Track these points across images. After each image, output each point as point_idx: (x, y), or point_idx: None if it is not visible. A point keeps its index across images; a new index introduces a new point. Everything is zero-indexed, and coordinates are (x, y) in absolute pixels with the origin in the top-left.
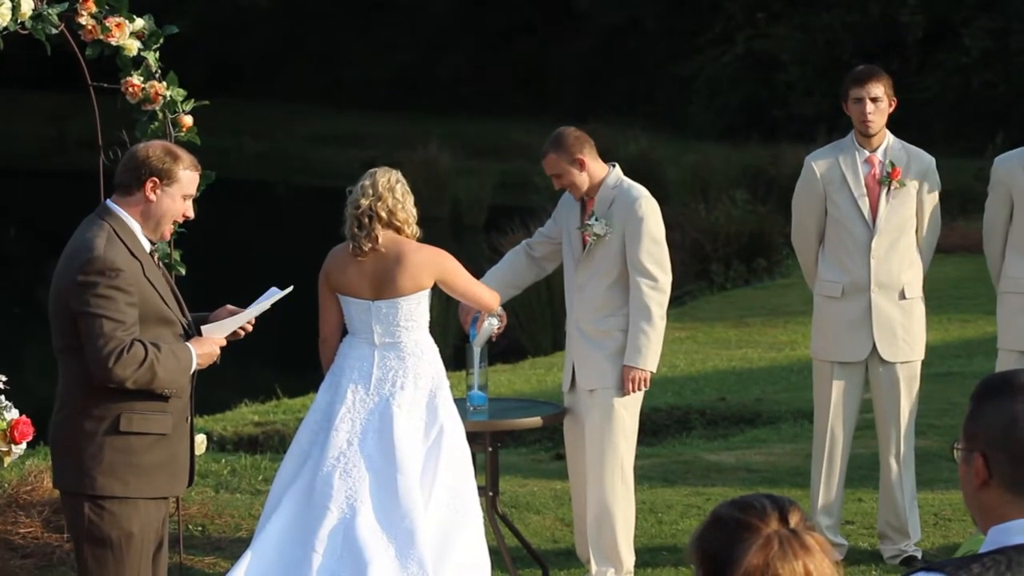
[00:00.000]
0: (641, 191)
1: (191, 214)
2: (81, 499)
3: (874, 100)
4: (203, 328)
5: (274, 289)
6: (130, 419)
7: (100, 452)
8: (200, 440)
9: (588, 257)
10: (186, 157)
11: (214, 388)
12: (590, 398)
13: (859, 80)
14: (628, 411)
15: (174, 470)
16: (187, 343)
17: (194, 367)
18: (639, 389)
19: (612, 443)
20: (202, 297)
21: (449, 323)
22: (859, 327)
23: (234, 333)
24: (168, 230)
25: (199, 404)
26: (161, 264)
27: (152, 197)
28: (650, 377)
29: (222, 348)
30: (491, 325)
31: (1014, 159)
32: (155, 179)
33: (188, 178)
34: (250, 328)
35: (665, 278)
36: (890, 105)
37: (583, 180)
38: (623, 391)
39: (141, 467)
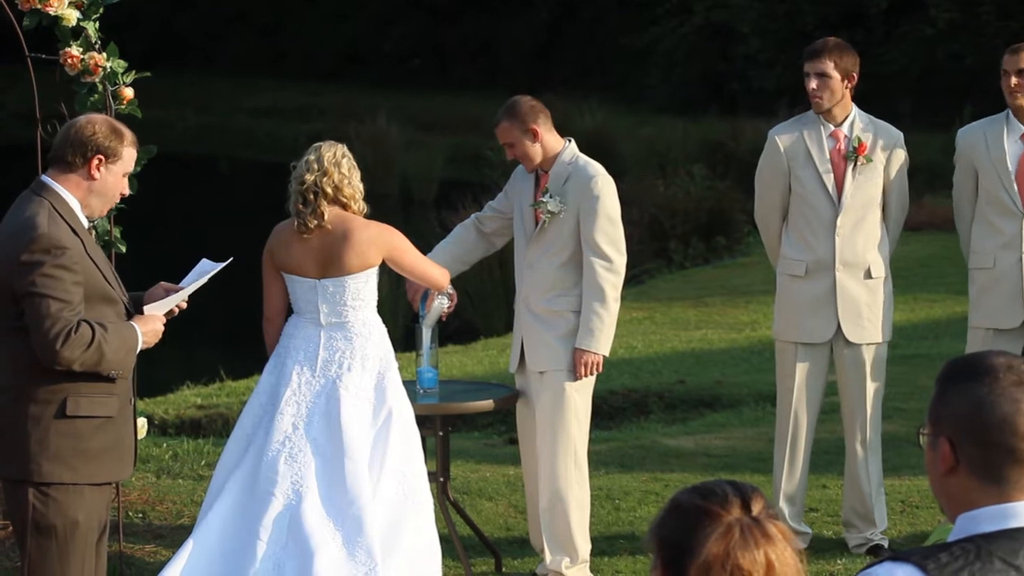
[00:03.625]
0: (597, 168)
1: (127, 191)
2: (26, 487)
3: (820, 76)
4: (146, 308)
5: (206, 262)
6: (77, 402)
7: (46, 437)
8: (141, 424)
9: (540, 235)
10: (128, 134)
11: (155, 369)
12: (540, 381)
13: (808, 55)
14: (580, 394)
15: (120, 454)
16: (131, 322)
17: (140, 346)
18: (591, 373)
19: (564, 427)
20: (142, 275)
21: (398, 302)
22: (823, 307)
23: (169, 311)
24: (107, 208)
25: (139, 386)
26: (100, 241)
27: (96, 175)
28: (603, 361)
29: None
30: (441, 304)
31: (976, 130)
32: (100, 157)
33: (130, 156)
34: (184, 306)
35: (620, 259)
36: (846, 80)
37: (536, 151)
38: (575, 375)
39: (88, 452)
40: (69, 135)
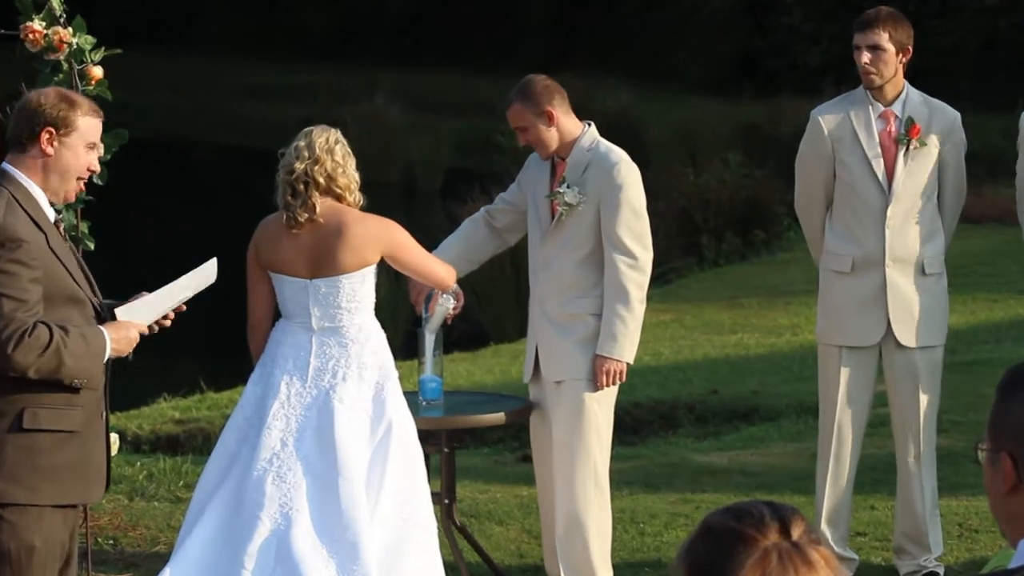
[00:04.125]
0: (620, 155)
1: (96, 167)
2: None
3: (873, 49)
4: (118, 311)
5: (205, 267)
6: (35, 414)
7: (0, 452)
8: (112, 440)
9: (557, 229)
10: (84, 102)
11: (129, 380)
12: (557, 391)
13: (859, 26)
14: (601, 406)
15: (87, 473)
16: (100, 327)
17: (108, 354)
18: (613, 383)
19: (583, 442)
20: (113, 276)
21: (398, 304)
22: (872, 307)
23: (158, 321)
24: (73, 189)
25: (110, 398)
26: (67, 237)
27: (49, 150)
28: (627, 369)
29: (143, 338)
30: (446, 306)
31: None
32: (50, 129)
33: (88, 125)
34: (172, 318)
35: (646, 256)
36: (900, 54)
37: (551, 137)
38: (596, 384)
39: (48, 470)
40: (17, 112)
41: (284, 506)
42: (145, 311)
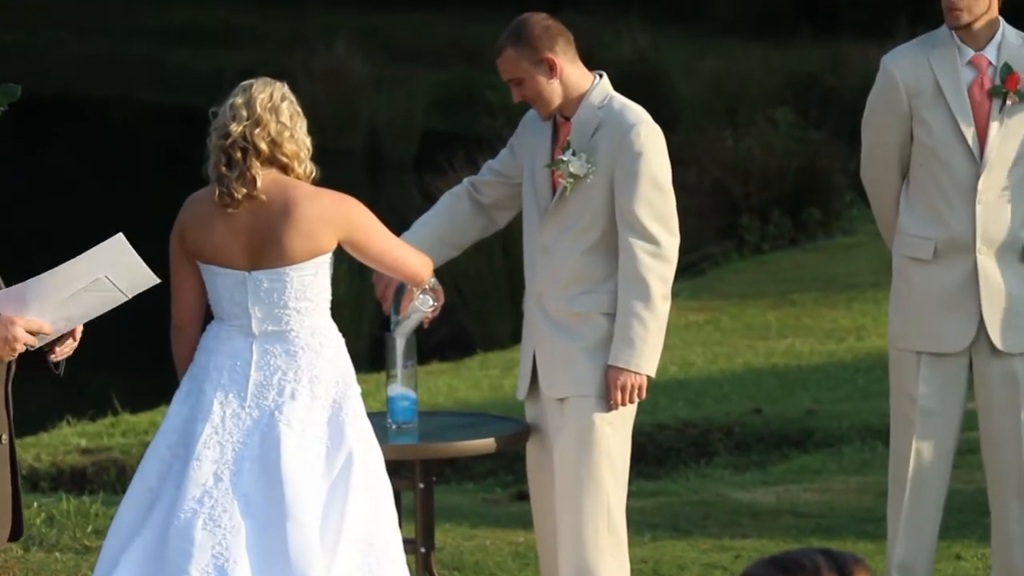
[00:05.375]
0: (639, 114)
1: None
2: None
3: None
4: None
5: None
6: None
7: None
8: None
9: (559, 207)
10: None
11: (24, 399)
12: (560, 411)
13: None
14: (615, 429)
15: None
16: None
17: None
18: (631, 401)
19: (593, 475)
20: (5, 262)
21: (362, 303)
22: (959, 302)
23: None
24: None
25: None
26: None
27: None
28: (647, 383)
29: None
30: (422, 305)
31: None
32: None
33: None
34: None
35: (671, 241)
36: None
37: (553, 91)
38: (608, 402)
39: None
40: None
41: (218, 557)
42: (34, 301)
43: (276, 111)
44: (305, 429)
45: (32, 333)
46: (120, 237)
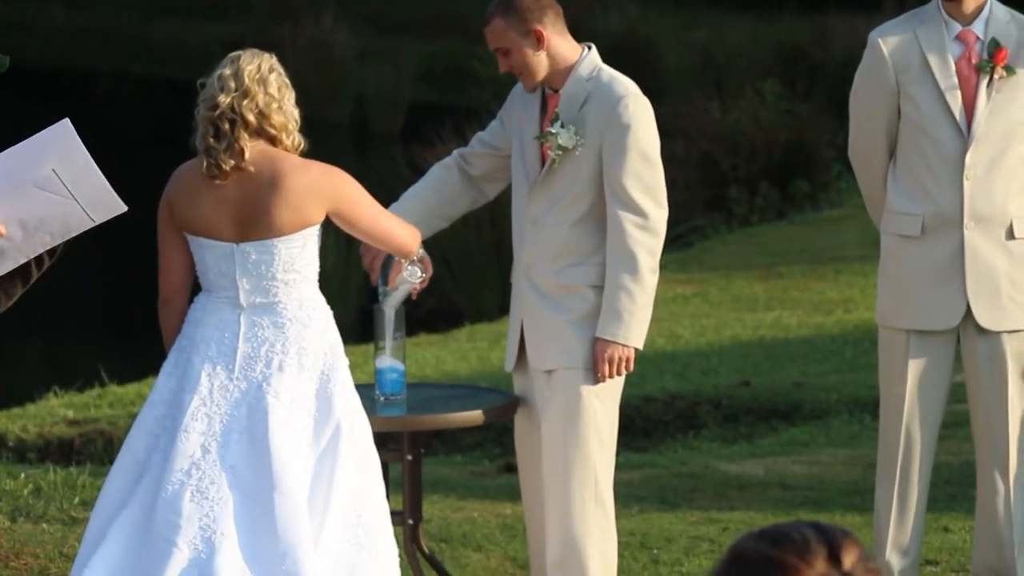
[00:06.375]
0: (628, 86)
1: None
2: None
3: None
4: None
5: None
6: None
7: None
8: None
9: (548, 179)
10: None
11: (9, 370)
12: (548, 383)
13: None
14: (603, 402)
15: None
16: None
17: None
18: (619, 373)
19: (581, 448)
20: None
21: (350, 275)
22: (947, 280)
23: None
24: None
25: None
26: None
27: None
28: (635, 356)
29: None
30: (410, 277)
31: None
32: None
33: None
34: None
35: (659, 213)
36: None
37: (540, 62)
38: (596, 375)
39: None
40: None
41: (206, 529)
42: None
43: (264, 83)
44: (293, 401)
45: None
46: (66, 122)
